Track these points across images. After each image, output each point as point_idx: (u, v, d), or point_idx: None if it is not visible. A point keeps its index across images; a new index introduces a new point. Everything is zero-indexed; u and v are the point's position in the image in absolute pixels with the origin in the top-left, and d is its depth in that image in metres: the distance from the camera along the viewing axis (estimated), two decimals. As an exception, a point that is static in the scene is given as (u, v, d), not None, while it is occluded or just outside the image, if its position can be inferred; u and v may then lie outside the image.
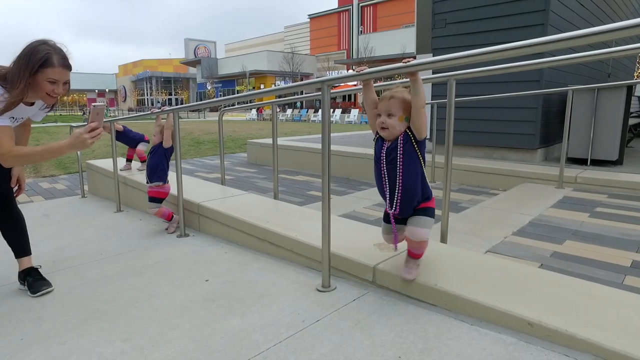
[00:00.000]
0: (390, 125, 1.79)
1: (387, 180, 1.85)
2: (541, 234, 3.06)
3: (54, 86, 2.00)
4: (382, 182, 1.88)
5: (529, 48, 1.44)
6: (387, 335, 1.68)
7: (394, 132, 1.80)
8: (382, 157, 1.84)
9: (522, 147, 5.75)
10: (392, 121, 1.79)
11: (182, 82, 65.98)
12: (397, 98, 1.78)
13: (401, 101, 1.78)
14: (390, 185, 1.85)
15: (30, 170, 8.35)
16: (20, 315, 2.06)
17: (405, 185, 1.81)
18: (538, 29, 5.26)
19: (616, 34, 1.27)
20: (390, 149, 1.82)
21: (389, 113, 1.79)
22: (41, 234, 3.64)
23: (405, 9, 38.56)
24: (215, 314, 1.96)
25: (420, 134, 1.80)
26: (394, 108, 1.78)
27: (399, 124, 1.79)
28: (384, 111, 1.80)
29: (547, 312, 1.62)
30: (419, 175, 1.84)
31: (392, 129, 1.79)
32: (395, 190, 1.83)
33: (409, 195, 1.83)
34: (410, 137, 1.80)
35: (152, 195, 3.43)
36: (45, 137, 16.37)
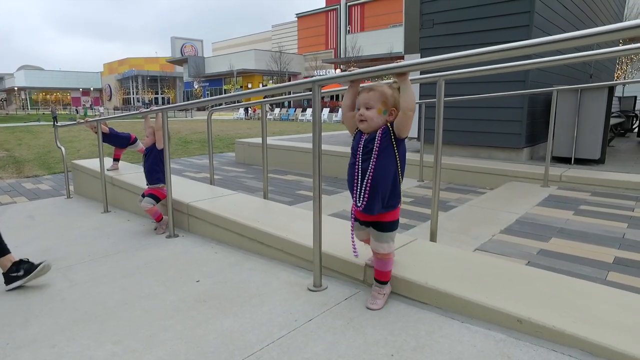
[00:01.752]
0: (368, 117, 1.77)
1: (360, 173, 1.81)
2: (528, 232, 3.11)
3: None
4: (354, 173, 1.84)
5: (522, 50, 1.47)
6: (380, 334, 1.70)
7: (372, 125, 1.78)
8: (359, 148, 1.81)
9: (508, 147, 5.84)
10: (370, 113, 1.77)
11: (169, 80, 65.30)
12: (376, 90, 1.78)
13: (380, 94, 1.77)
14: (361, 178, 1.81)
15: (13, 170, 8.18)
16: (6, 319, 2.02)
17: (375, 179, 1.77)
18: (523, 30, 5.34)
19: (605, 36, 1.30)
20: (367, 140, 1.80)
21: (367, 106, 1.78)
22: (26, 235, 3.58)
23: (393, 9, 38.76)
24: (207, 315, 1.95)
25: (401, 133, 1.78)
26: (372, 100, 1.77)
27: (377, 116, 1.77)
28: (363, 104, 1.79)
29: (535, 309, 1.65)
30: (392, 173, 1.80)
31: (370, 121, 1.78)
32: (364, 183, 1.79)
33: (378, 190, 1.78)
34: (390, 132, 1.78)
35: (151, 192, 3.43)
36: (28, 137, 16.04)
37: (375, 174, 1.78)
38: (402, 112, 1.74)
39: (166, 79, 65.26)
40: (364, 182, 1.80)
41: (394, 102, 1.78)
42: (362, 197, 1.81)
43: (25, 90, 72.76)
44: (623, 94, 10.16)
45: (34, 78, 73.48)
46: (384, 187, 1.79)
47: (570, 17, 6.55)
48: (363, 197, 1.80)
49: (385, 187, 1.79)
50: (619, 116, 8.54)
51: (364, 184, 1.80)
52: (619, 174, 4.70)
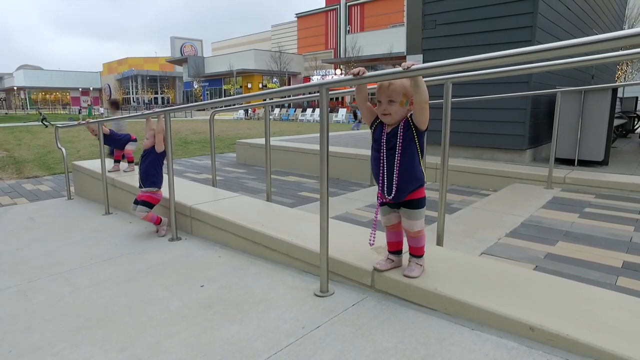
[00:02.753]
0: (393, 111, 1.86)
1: (385, 166, 1.90)
2: (534, 235, 3.09)
3: None
4: (379, 167, 1.93)
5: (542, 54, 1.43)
6: (389, 342, 1.67)
7: (395, 118, 1.87)
8: (383, 142, 1.90)
9: (511, 148, 5.81)
10: (393, 107, 1.86)
11: (169, 80, 65.25)
12: (395, 84, 1.84)
13: (401, 86, 1.84)
14: (387, 172, 1.90)
15: (13, 171, 8.15)
16: (8, 326, 1.99)
17: (402, 174, 1.87)
18: (527, 31, 5.32)
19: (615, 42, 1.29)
20: (390, 135, 1.89)
21: (389, 99, 1.85)
22: (27, 237, 3.55)
23: (393, 9, 38.75)
24: (212, 321, 1.92)
25: (422, 126, 1.86)
26: (394, 94, 1.84)
27: (400, 109, 1.86)
28: (385, 98, 1.86)
29: (547, 316, 1.62)
30: (416, 164, 1.90)
31: (394, 114, 1.86)
32: (393, 177, 1.89)
33: (404, 182, 1.89)
34: (411, 125, 1.87)
35: (144, 199, 3.35)
36: (27, 137, 16.00)
37: (401, 169, 1.87)
38: (418, 105, 1.81)
39: (166, 78, 65.20)
40: (392, 176, 1.88)
41: (412, 92, 1.84)
42: (391, 189, 1.90)
43: (25, 90, 72.64)
44: (624, 95, 10.15)
45: (34, 78, 73.36)
46: (410, 177, 1.89)
47: (573, 18, 6.53)
48: (392, 189, 1.89)
49: (411, 177, 1.89)
50: (620, 117, 8.52)
51: (392, 178, 1.88)
52: (624, 176, 4.68)
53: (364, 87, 2.01)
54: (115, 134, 4.90)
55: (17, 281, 2.53)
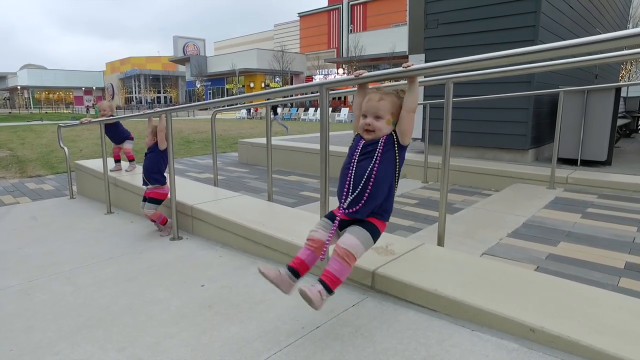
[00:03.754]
0: (377, 128, 1.69)
1: (353, 175, 1.69)
2: (536, 236, 3.08)
3: None
4: (347, 175, 1.72)
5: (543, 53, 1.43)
6: (389, 342, 1.67)
7: (378, 135, 1.71)
8: (357, 149, 1.72)
9: (513, 148, 5.79)
10: (379, 124, 1.69)
11: (171, 80, 65.37)
12: (387, 100, 1.71)
13: (391, 104, 1.71)
14: (354, 181, 1.69)
15: (16, 170, 8.18)
16: (9, 325, 1.99)
17: (375, 183, 1.66)
18: (529, 30, 5.30)
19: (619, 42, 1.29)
20: (368, 143, 1.71)
21: (376, 115, 1.70)
22: (29, 237, 3.56)
23: (395, 8, 38.68)
24: (212, 321, 1.92)
25: (405, 138, 1.73)
26: (382, 110, 1.69)
27: (386, 127, 1.70)
28: (372, 112, 1.70)
29: (548, 317, 1.62)
30: (389, 182, 1.71)
31: (378, 131, 1.70)
32: (361, 187, 1.67)
33: (375, 194, 1.68)
34: (394, 139, 1.71)
35: (150, 196, 3.36)
36: (30, 136, 16.06)
37: (376, 177, 1.67)
38: (406, 112, 1.70)
39: (168, 78, 65.33)
40: (360, 186, 1.68)
41: (399, 112, 1.73)
42: (355, 200, 1.68)
43: (29, 89, 72.93)
44: (627, 94, 10.10)
45: (37, 77, 73.64)
46: (382, 192, 1.70)
47: (576, 16, 6.50)
48: (357, 200, 1.68)
49: (382, 192, 1.70)
50: (624, 117, 8.48)
51: (361, 186, 1.68)
52: (627, 176, 4.65)
53: (365, 90, 1.87)
54: (121, 125, 4.87)
55: (19, 280, 2.54)
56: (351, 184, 1.70)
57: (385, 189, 1.70)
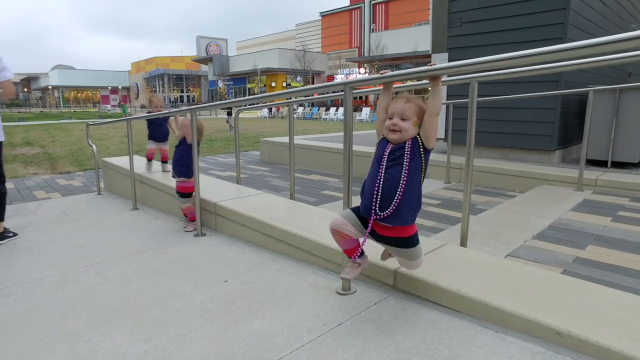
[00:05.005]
0: (403, 128, 1.69)
1: (382, 182, 1.70)
2: (562, 238, 3.01)
3: None
4: (375, 182, 1.72)
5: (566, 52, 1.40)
6: (411, 341, 1.66)
7: (404, 136, 1.70)
8: (385, 155, 1.72)
9: (539, 149, 5.66)
10: (405, 124, 1.69)
11: (194, 79, 66.40)
12: (413, 103, 1.71)
13: (417, 107, 1.71)
14: (384, 188, 1.70)
15: (48, 166, 8.48)
16: (45, 313, 2.09)
17: (404, 192, 1.68)
18: (557, 28, 5.17)
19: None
20: (395, 149, 1.72)
21: (403, 116, 1.70)
22: (60, 230, 3.70)
23: (418, 7, 38.27)
24: (235, 316, 1.96)
25: (429, 142, 1.72)
26: (409, 112, 1.70)
27: (412, 128, 1.70)
28: (398, 113, 1.71)
29: (576, 322, 1.58)
30: (417, 186, 1.72)
31: (404, 132, 1.70)
32: (390, 194, 1.68)
33: (404, 203, 1.69)
34: (419, 144, 1.71)
35: (178, 190, 3.47)
36: (60, 134, 16.61)
37: (406, 183, 1.68)
38: (429, 115, 1.69)
39: (191, 77, 66.38)
40: (389, 193, 1.69)
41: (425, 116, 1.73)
42: (387, 207, 1.70)
43: (59, 89, 75.40)
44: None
45: (66, 77, 76.03)
46: (411, 197, 1.71)
47: (609, 13, 6.31)
48: (388, 206, 1.69)
49: (412, 197, 1.71)
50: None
51: (391, 193, 1.69)
52: (659, 179, 4.49)
53: (388, 96, 1.85)
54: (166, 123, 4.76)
55: (52, 271, 2.65)
56: (380, 191, 1.71)
57: (414, 194, 1.72)
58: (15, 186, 6.37)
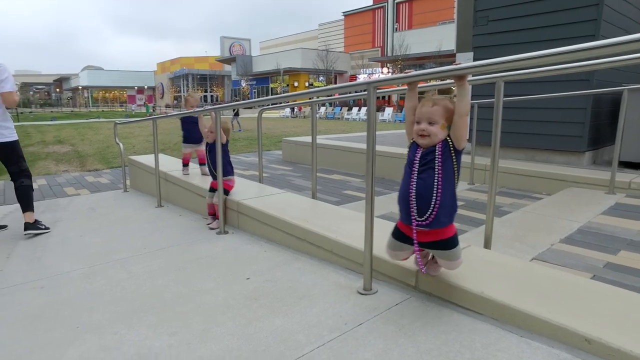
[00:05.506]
0: (432, 133, 1.70)
1: (416, 188, 1.72)
2: (592, 243, 2.91)
3: None
4: (409, 189, 1.74)
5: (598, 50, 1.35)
6: (433, 343, 1.65)
7: (434, 140, 1.71)
8: (416, 160, 1.74)
9: (568, 150, 5.50)
10: (433, 129, 1.70)
11: (218, 79, 67.35)
12: (440, 105, 1.70)
13: (444, 109, 1.70)
14: (418, 194, 1.72)
15: (77, 164, 8.76)
16: (74, 304, 2.16)
17: (441, 196, 1.70)
18: (590, 24, 5.00)
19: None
20: (426, 152, 1.73)
21: (430, 120, 1.70)
22: (88, 226, 3.82)
23: (442, 6, 37.75)
24: (257, 313, 1.98)
25: (460, 143, 1.72)
26: (436, 115, 1.70)
27: (440, 132, 1.70)
28: (425, 118, 1.71)
29: (606, 329, 1.53)
30: (452, 188, 1.74)
31: (433, 137, 1.71)
32: (426, 200, 1.70)
33: (442, 206, 1.71)
34: (450, 145, 1.71)
35: (227, 188, 3.53)
36: (89, 132, 17.13)
37: (442, 187, 1.70)
38: (459, 116, 1.68)
39: (215, 77, 67.35)
40: (425, 199, 1.71)
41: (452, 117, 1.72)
42: (425, 214, 1.72)
43: (88, 89, 77.82)
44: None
45: (95, 77, 78.41)
46: (447, 200, 1.72)
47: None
48: (426, 212, 1.72)
49: (448, 200, 1.73)
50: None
51: (425, 200, 1.71)
52: (697, 182, 4.29)
53: (414, 97, 1.85)
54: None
55: (81, 265, 2.74)
56: (415, 197, 1.73)
57: (449, 196, 1.73)
58: (47, 182, 6.62)
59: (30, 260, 2.89)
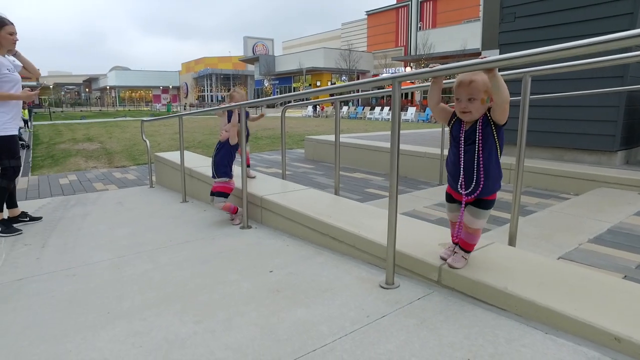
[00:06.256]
0: (474, 109, 1.81)
1: (463, 163, 1.87)
2: (623, 243, 2.83)
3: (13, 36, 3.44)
4: (458, 162, 1.89)
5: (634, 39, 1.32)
6: (455, 337, 1.64)
7: (475, 116, 1.83)
8: (461, 138, 1.87)
9: (598, 149, 5.33)
10: (474, 105, 1.80)
11: (241, 79, 68.16)
12: (477, 81, 1.78)
13: (482, 84, 1.78)
14: (466, 168, 1.87)
15: (105, 161, 9.04)
16: (105, 292, 2.25)
17: (485, 169, 1.84)
18: (625, 19, 4.82)
19: None
20: (469, 131, 1.85)
21: (470, 97, 1.80)
22: (117, 220, 3.94)
23: (467, 4, 37.13)
24: (280, 304, 2.01)
25: (501, 121, 1.82)
26: (475, 91, 1.79)
27: (481, 107, 1.81)
28: (465, 96, 1.81)
29: (638, 328, 1.49)
30: (495, 160, 1.86)
31: (475, 112, 1.81)
32: (473, 174, 1.85)
33: (487, 178, 1.85)
34: (490, 121, 1.82)
35: (219, 190, 3.53)
36: (117, 130, 17.62)
37: (485, 165, 1.84)
38: (499, 105, 1.76)
39: (238, 77, 68.17)
40: (473, 173, 1.85)
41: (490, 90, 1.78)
42: (470, 185, 1.87)
43: (115, 89, 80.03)
44: None
45: (123, 77, 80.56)
46: (492, 171, 1.86)
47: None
48: (472, 185, 1.86)
49: (493, 171, 1.86)
50: None
51: (472, 175, 1.85)
52: None
53: (438, 90, 1.97)
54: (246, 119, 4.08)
55: (109, 256, 2.83)
56: (463, 171, 1.89)
57: (494, 167, 1.87)
58: (77, 178, 6.86)
59: (64, 250, 3.00)
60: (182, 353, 1.64)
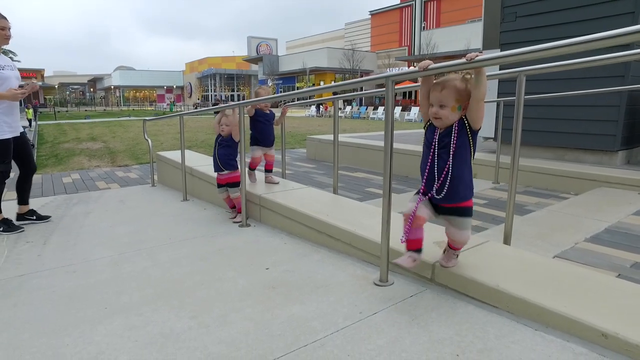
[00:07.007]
0: (443, 115, 1.79)
1: (436, 167, 1.84)
2: (619, 243, 2.83)
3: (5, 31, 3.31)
4: (428, 166, 1.88)
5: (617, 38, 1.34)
6: (445, 333, 1.66)
7: (446, 122, 1.81)
8: (434, 142, 1.84)
9: (599, 149, 5.32)
10: (444, 112, 1.79)
11: (244, 78, 68.25)
12: (449, 88, 1.77)
13: (454, 90, 1.77)
14: (438, 173, 1.84)
15: (108, 160, 9.10)
16: (104, 288, 2.28)
17: (455, 174, 1.81)
18: (626, 18, 4.81)
19: None
20: (443, 135, 1.83)
21: (441, 104, 1.79)
22: (118, 218, 3.98)
23: (472, 3, 36.97)
24: (275, 301, 2.04)
25: (476, 124, 1.80)
26: (445, 99, 1.78)
27: (451, 114, 1.79)
28: (436, 102, 1.80)
29: (625, 325, 1.51)
30: (468, 166, 1.84)
31: (445, 119, 1.80)
32: (445, 178, 1.82)
33: (457, 184, 1.82)
34: (466, 126, 1.80)
35: (229, 181, 3.61)
36: (120, 130, 17.72)
37: (454, 171, 1.80)
38: (474, 101, 1.75)
39: (242, 77, 68.27)
40: (444, 177, 1.82)
41: (467, 96, 1.78)
42: (442, 190, 1.83)
43: (120, 88, 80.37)
44: None
45: (127, 77, 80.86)
46: (463, 177, 1.83)
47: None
48: (444, 191, 1.83)
49: (463, 179, 1.83)
50: None
51: (444, 179, 1.82)
52: None
53: (426, 89, 1.93)
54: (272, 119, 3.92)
55: (110, 253, 2.87)
56: (435, 175, 1.85)
57: (465, 173, 1.84)
58: (80, 177, 6.92)
59: (65, 247, 3.05)
60: (176, 347, 1.67)
